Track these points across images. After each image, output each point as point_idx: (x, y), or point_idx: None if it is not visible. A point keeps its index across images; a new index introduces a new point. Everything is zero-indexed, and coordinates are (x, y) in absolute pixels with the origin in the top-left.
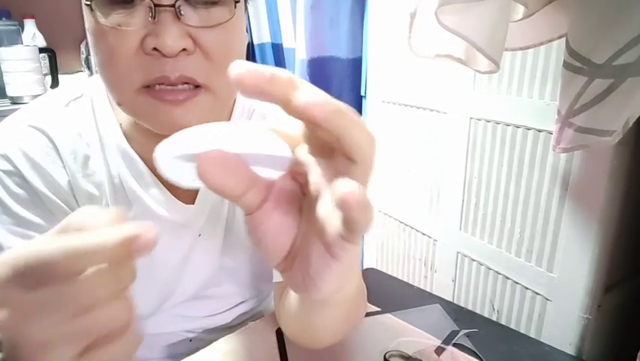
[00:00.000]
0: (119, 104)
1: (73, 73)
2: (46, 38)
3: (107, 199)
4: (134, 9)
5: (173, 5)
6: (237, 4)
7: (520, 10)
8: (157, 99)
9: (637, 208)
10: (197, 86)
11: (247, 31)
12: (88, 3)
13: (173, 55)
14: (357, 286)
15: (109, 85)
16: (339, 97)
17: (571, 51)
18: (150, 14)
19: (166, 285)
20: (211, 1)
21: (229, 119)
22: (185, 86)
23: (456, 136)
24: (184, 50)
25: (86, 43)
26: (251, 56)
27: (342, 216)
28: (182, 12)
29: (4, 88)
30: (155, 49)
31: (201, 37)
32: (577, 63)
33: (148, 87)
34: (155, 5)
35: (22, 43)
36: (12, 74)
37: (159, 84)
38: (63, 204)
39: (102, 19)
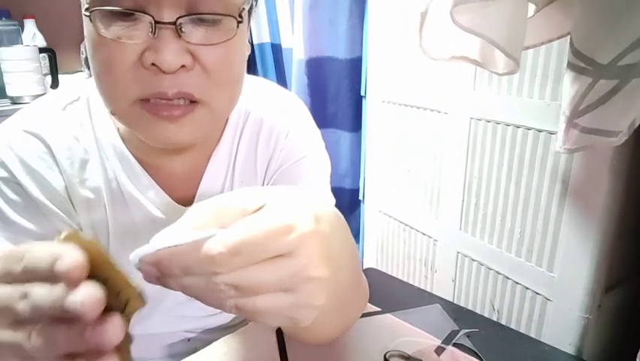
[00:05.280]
0: (112, 114)
1: (73, 73)
2: (46, 38)
3: (105, 203)
4: (134, 22)
5: (174, 23)
6: (240, 24)
7: (531, 8)
8: (152, 114)
9: (637, 208)
10: (193, 101)
11: (248, 38)
12: (87, 14)
13: (171, 71)
14: (345, 290)
15: (103, 95)
16: (337, 97)
17: (575, 51)
18: (150, 30)
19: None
20: (213, 20)
21: (224, 127)
22: (181, 101)
23: (456, 136)
24: (183, 66)
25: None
26: (250, 55)
27: None
28: (183, 29)
29: (4, 88)
30: (153, 64)
31: (201, 54)
32: (581, 64)
33: (143, 100)
34: (156, 22)
35: (22, 44)
36: (12, 74)
37: (155, 98)
38: (59, 211)
39: (102, 31)
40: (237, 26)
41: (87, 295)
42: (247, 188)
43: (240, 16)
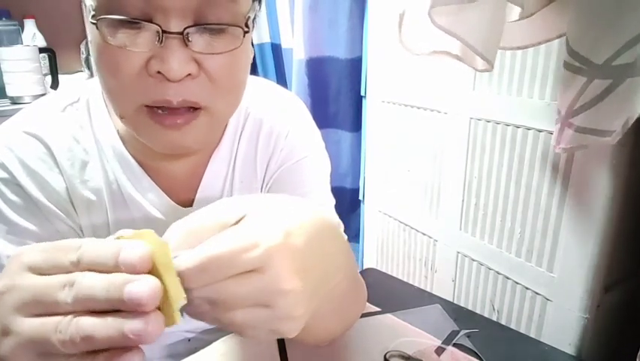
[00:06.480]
0: (121, 118)
1: (73, 73)
2: (46, 38)
3: (105, 204)
4: (140, 30)
5: (181, 33)
6: (247, 34)
7: (516, 11)
8: (156, 123)
9: (637, 208)
10: (196, 108)
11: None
12: (94, 22)
13: (176, 80)
14: (342, 294)
15: (110, 100)
16: (337, 97)
17: (571, 51)
18: (157, 39)
19: None
20: (219, 29)
21: (224, 128)
22: (185, 110)
23: (456, 136)
24: (189, 74)
25: (86, 43)
26: None
27: None
28: (190, 39)
29: (4, 88)
30: (159, 72)
31: (207, 62)
32: (576, 63)
33: (149, 106)
34: (164, 32)
35: (22, 44)
36: (12, 74)
37: (161, 107)
38: (59, 212)
39: (108, 38)
40: (244, 36)
41: (152, 285)
42: (228, 199)
43: (247, 25)
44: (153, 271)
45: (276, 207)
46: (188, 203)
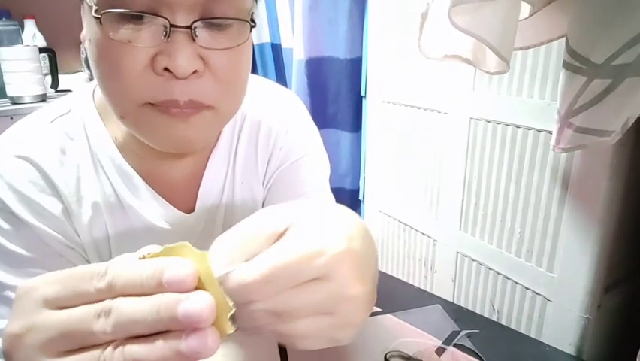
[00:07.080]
0: (121, 117)
1: (73, 73)
2: (46, 38)
3: (104, 218)
4: (145, 25)
5: (189, 27)
6: (253, 28)
7: (525, 9)
8: (162, 112)
9: (637, 208)
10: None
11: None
12: (97, 16)
13: (184, 77)
14: None
15: (110, 99)
16: (337, 97)
17: (570, 51)
18: (164, 33)
19: None
20: (225, 24)
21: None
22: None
23: (456, 136)
24: (195, 71)
25: None
26: None
27: None
28: (197, 34)
29: (4, 88)
30: (166, 69)
31: (212, 58)
32: (576, 63)
33: (152, 104)
34: (171, 25)
35: (22, 44)
36: (12, 74)
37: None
38: (58, 234)
39: (112, 34)
40: (250, 30)
41: (208, 301)
42: (270, 208)
43: (252, 20)
44: (197, 286)
45: (321, 214)
46: (189, 209)
